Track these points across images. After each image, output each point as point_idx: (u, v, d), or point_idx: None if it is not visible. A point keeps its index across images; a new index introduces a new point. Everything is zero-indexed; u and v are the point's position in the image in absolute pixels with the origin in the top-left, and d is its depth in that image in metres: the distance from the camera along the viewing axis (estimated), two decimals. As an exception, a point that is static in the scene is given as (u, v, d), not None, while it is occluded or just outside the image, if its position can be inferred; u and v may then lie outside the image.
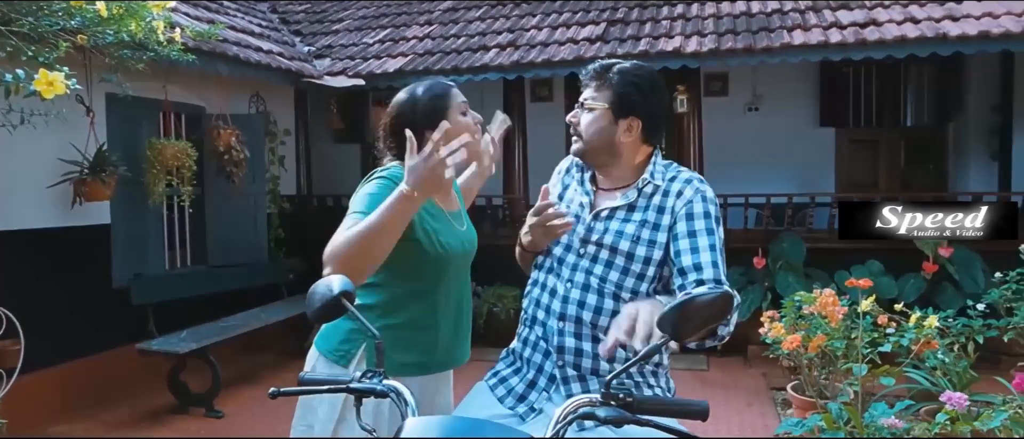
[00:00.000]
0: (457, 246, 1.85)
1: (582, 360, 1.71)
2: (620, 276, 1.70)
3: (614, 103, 1.72)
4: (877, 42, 5.03)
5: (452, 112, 1.84)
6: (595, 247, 1.73)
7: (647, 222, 1.70)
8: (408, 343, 1.80)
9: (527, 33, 6.28)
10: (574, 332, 1.71)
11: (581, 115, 1.77)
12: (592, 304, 1.70)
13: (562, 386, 1.72)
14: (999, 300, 4.40)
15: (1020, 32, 4.88)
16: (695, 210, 1.68)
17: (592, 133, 1.74)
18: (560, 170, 1.94)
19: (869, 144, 7.83)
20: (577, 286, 1.72)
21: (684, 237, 1.65)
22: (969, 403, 2.67)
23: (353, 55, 6.52)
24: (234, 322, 5.29)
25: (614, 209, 1.74)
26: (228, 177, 5.43)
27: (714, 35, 5.59)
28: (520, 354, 1.82)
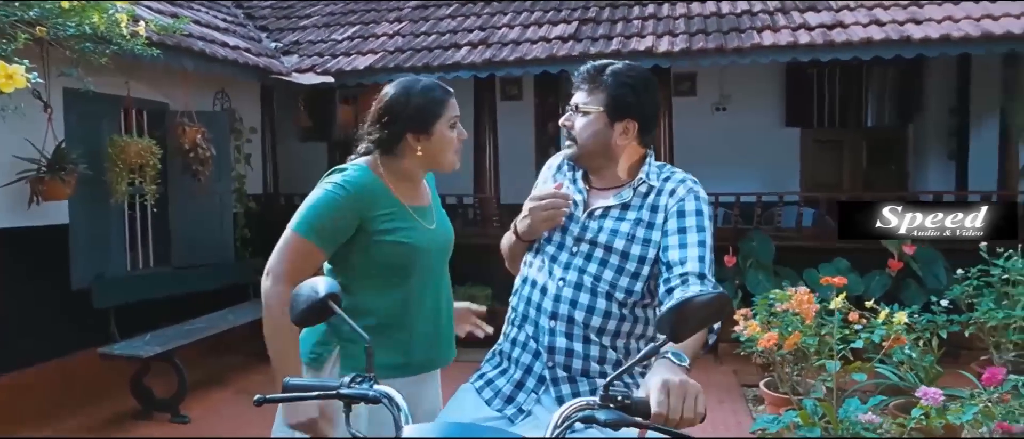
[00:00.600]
0: (423, 242, 1.80)
1: (573, 361, 1.69)
2: (614, 275, 1.68)
3: (609, 106, 1.71)
4: (844, 44, 5.13)
5: (441, 122, 1.79)
6: (589, 246, 1.71)
7: (642, 221, 1.69)
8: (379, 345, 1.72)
9: (498, 31, 6.25)
10: (565, 332, 1.69)
11: (575, 118, 1.74)
12: (585, 303, 1.68)
13: (552, 387, 1.70)
14: (961, 296, 4.53)
15: (979, 36, 5.02)
16: (687, 208, 1.68)
17: (587, 136, 1.72)
18: (550, 166, 1.91)
19: (833, 144, 7.99)
20: (569, 285, 1.69)
21: (673, 234, 1.65)
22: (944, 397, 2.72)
23: (321, 52, 6.41)
24: (200, 324, 5.16)
25: (608, 208, 1.72)
26: (194, 176, 5.29)
27: (685, 35, 5.64)
28: (508, 354, 1.79)
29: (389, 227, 1.76)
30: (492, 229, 6.42)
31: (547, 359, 1.70)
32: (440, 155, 1.82)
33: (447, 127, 1.80)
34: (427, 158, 1.81)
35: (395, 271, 1.78)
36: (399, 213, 1.79)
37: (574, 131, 1.74)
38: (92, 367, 4.59)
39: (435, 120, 1.78)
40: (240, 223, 6.37)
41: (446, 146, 1.81)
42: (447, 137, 1.80)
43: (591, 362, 1.68)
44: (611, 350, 1.70)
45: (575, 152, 1.75)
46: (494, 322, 2.02)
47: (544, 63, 5.63)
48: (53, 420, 4.48)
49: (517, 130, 7.69)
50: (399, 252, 1.76)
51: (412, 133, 1.77)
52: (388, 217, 1.77)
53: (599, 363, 1.69)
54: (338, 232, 1.75)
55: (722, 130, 7.54)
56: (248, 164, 6.60)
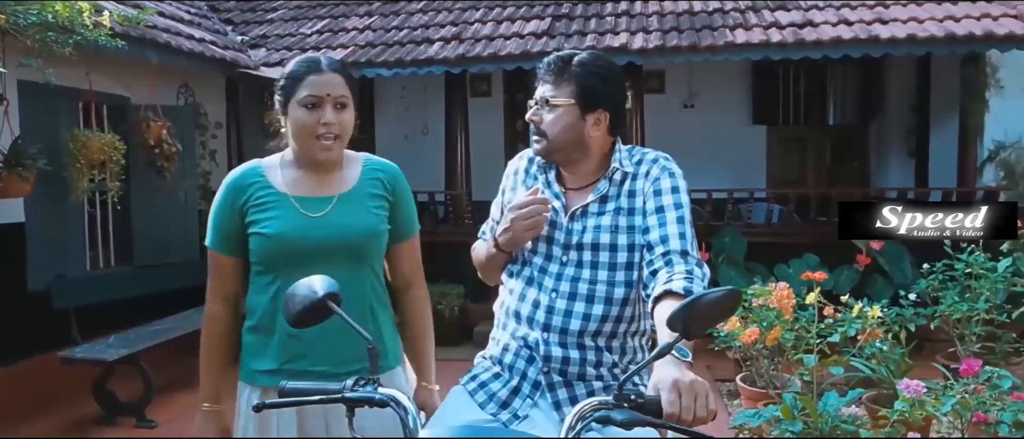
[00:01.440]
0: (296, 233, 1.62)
1: (569, 367, 1.65)
2: (608, 273, 1.65)
3: (580, 97, 1.65)
4: (814, 42, 5.22)
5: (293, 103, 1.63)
6: (577, 251, 1.66)
7: (621, 209, 1.66)
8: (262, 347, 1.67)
9: (471, 27, 6.20)
10: (560, 342, 1.65)
11: (543, 113, 1.66)
12: (580, 312, 1.64)
13: (548, 392, 1.67)
14: (927, 290, 4.64)
15: (943, 37, 5.16)
16: (662, 186, 1.65)
17: (558, 131, 1.65)
18: (517, 169, 1.82)
19: (798, 142, 8.13)
20: (562, 296, 1.65)
21: (652, 214, 1.63)
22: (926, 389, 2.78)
23: (290, 46, 6.28)
24: (166, 325, 5.00)
25: (587, 205, 1.68)
26: (159, 172, 5.12)
27: (659, 32, 5.67)
28: (500, 360, 1.74)
29: (256, 218, 1.65)
30: (464, 226, 6.38)
31: (542, 366, 1.66)
32: (295, 137, 1.65)
33: (298, 106, 1.61)
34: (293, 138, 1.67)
35: (266, 265, 1.65)
36: (272, 202, 1.65)
37: (543, 126, 1.65)
38: (52, 371, 4.41)
39: (289, 97, 1.64)
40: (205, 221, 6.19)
41: (297, 128, 1.62)
42: (296, 118, 1.62)
43: (588, 366, 1.65)
44: (607, 352, 1.68)
45: (546, 147, 1.67)
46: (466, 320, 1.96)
47: (518, 59, 5.60)
48: (10, 427, 4.29)
49: (487, 127, 7.64)
50: (263, 244, 1.64)
51: (280, 111, 1.69)
52: (259, 207, 1.65)
53: (595, 367, 1.66)
54: (226, 231, 1.70)
55: (691, 127, 7.60)
56: (213, 160, 6.42)
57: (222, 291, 1.73)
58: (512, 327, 1.72)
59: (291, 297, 1.43)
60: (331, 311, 1.41)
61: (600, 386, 1.68)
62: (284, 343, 1.66)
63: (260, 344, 1.68)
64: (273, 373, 1.65)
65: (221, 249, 1.72)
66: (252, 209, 1.68)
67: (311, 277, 1.43)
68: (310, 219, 1.67)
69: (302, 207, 1.67)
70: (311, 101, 1.62)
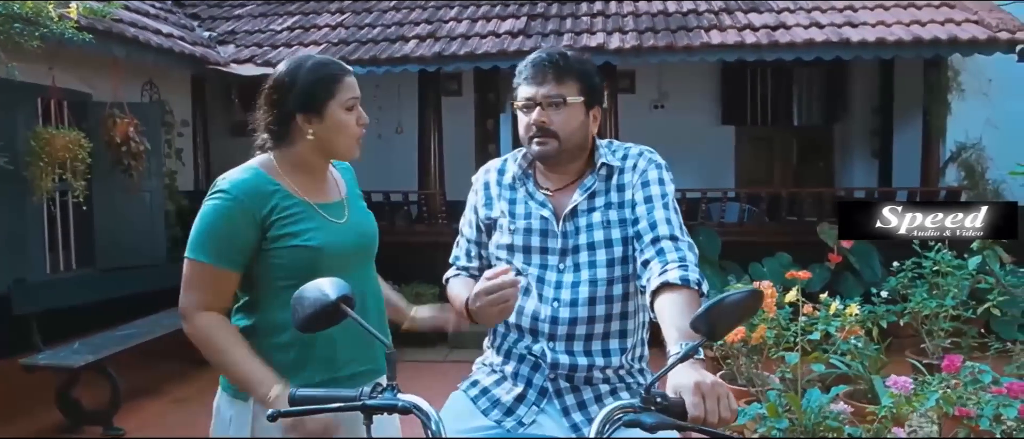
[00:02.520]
0: (333, 242, 1.61)
1: (576, 372, 1.64)
2: (607, 270, 1.63)
3: (586, 94, 1.65)
4: (788, 44, 5.31)
5: (334, 103, 1.59)
6: (573, 255, 1.65)
7: (611, 204, 1.65)
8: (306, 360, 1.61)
9: (446, 25, 6.15)
10: (566, 349, 1.63)
11: (551, 113, 1.63)
12: (584, 317, 1.62)
13: (555, 398, 1.65)
14: (896, 287, 4.76)
15: (910, 41, 5.30)
16: (649, 177, 1.65)
17: (571, 130, 1.63)
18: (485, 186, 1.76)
19: (765, 142, 8.27)
20: (565, 304, 1.63)
21: (640, 204, 1.63)
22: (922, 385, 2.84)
23: (260, 42, 6.14)
24: (133, 330, 4.83)
25: (577, 205, 1.66)
26: (126, 171, 4.95)
27: (635, 33, 5.70)
28: (501, 368, 1.71)
29: (289, 230, 1.57)
30: (438, 226, 6.33)
31: (549, 373, 1.64)
32: (335, 141, 1.61)
33: (342, 109, 1.59)
34: (321, 144, 1.61)
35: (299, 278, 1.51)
36: (301, 212, 1.60)
37: (553, 126, 1.62)
38: (12, 379, 4.23)
39: (327, 100, 1.58)
40: (171, 222, 6.02)
41: (340, 130, 1.60)
42: (342, 121, 1.60)
43: (594, 370, 1.64)
44: (612, 354, 1.67)
45: (556, 149, 1.63)
46: None
47: (495, 58, 5.57)
48: (-30, 438, 4.10)
49: (457, 126, 7.59)
50: (302, 256, 1.57)
51: (302, 114, 1.58)
52: (287, 219, 1.58)
53: (602, 370, 1.65)
54: (239, 245, 1.56)
55: (660, 127, 7.66)
56: (180, 159, 6.25)
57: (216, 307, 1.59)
58: (513, 337, 1.69)
59: (299, 301, 1.37)
60: (344, 315, 1.36)
61: (607, 389, 1.68)
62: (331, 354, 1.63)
63: (300, 360, 1.61)
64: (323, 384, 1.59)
65: (226, 264, 1.56)
66: (280, 221, 1.58)
67: (318, 280, 1.37)
68: (336, 226, 1.65)
69: (326, 214, 1.65)
70: (353, 102, 1.62)
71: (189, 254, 1.57)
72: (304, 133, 1.60)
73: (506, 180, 1.74)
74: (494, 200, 1.74)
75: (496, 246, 1.73)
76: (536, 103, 1.63)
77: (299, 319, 1.37)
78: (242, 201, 1.56)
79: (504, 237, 1.70)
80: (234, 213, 1.55)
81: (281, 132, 1.61)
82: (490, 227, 1.75)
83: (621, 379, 1.69)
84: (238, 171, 1.61)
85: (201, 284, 1.57)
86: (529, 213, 1.69)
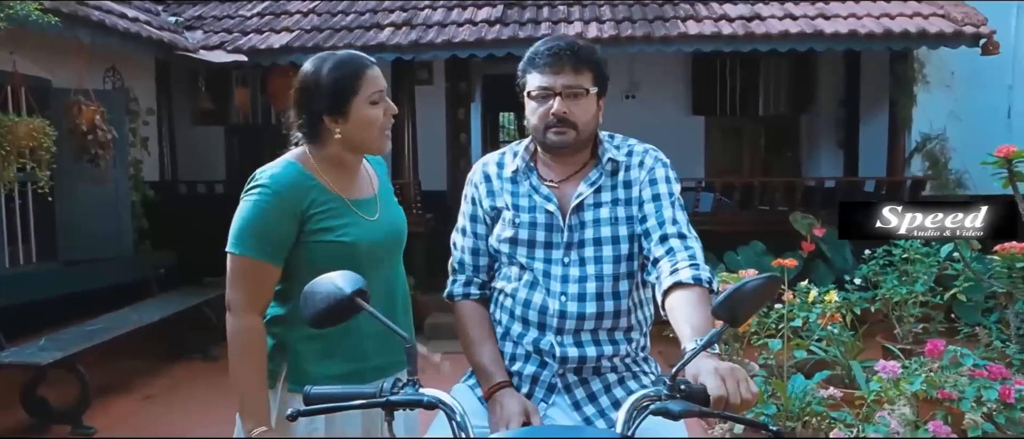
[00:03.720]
0: (365, 238, 1.64)
1: (585, 364, 1.64)
2: (614, 266, 1.63)
3: (598, 84, 1.64)
4: (763, 35, 5.37)
5: (358, 100, 1.59)
6: (578, 249, 1.64)
7: (619, 200, 1.65)
8: (329, 351, 1.63)
9: (421, 12, 6.06)
10: (574, 341, 1.63)
11: (570, 104, 1.61)
12: (592, 312, 1.62)
13: (565, 392, 1.65)
14: (868, 275, 4.89)
15: (881, 33, 5.42)
16: (657, 176, 1.66)
17: (587, 120, 1.63)
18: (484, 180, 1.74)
19: (734, 132, 8.38)
20: (573, 298, 1.62)
21: (649, 202, 1.63)
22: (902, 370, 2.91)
23: (230, 28, 5.97)
24: (101, 325, 4.68)
25: (583, 199, 1.65)
26: (92, 160, 4.76)
27: (612, 22, 5.70)
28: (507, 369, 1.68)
29: (325, 225, 1.60)
30: (413, 216, 6.25)
31: (558, 368, 1.64)
32: (362, 137, 1.61)
33: (367, 104, 1.59)
34: (349, 142, 1.61)
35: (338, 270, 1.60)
36: (337, 208, 1.62)
37: (573, 117, 1.61)
38: (-27, 378, 4.05)
39: (351, 97, 1.57)
40: (137, 213, 5.84)
41: (367, 126, 1.60)
42: (368, 116, 1.59)
43: (603, 360, 1.64)
44: (619, 344, 1.67)
45: (574, 139, 1.62)
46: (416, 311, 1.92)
47: (473, 47, 5.52)
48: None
49: (428, 115, 7.51)
50: (337, 251, 1.59)
51: (328, 116, 1.59)
52: (324, 214, 1.60)
53: (610, 359, 1.65)
54: (280, 239, 1.58)
55: (632, 118, 7.66)
56: (145, 148, 6.05)
57: (260, 303, 1.61)
58: (518, 331, 1.68)
59: (311, 296, 1.35)
60: (359, 308, 1.34)
61: (615, 378, 1.68)
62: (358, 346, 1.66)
63: (327, 349, 1.64)
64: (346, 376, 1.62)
65: (270, 258, 1.58)
66: (317, 215, 1.60)
67: (330, 274, 1.36)
68: (370, 222, 1.68)
69: (360, 210, 1.68)
70: (378, 96, 1.62)
71: (231, 249, 1.58)
72: (332, 133, 1.61)
73: (506, 173, 1.72)
74: (496, 193, 1.72)
75: (499, 240, 1.70)
76: (555, 93, 1.61)
77: (311, 314, 1.35)
78: (283, 195, 1.57)
79: (507, 230, 1.68)
80: (275, 206, 1.57)
81: (312, 133, 1.63)
82: (495, 219, 1.73)
83: (627, 367, 1.69)
84: (276, 165, 1.62)
85: (244, 279, 1.58)
86: (534, 206, 1.67)
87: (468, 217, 1.77)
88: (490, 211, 1.73)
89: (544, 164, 1.71)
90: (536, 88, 1.63)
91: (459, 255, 1.78)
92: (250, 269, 1.57)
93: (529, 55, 1.67)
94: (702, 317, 1.42)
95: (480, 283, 1.76)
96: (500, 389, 1.60)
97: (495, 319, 1.73)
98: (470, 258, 1.76)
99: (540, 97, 1.63)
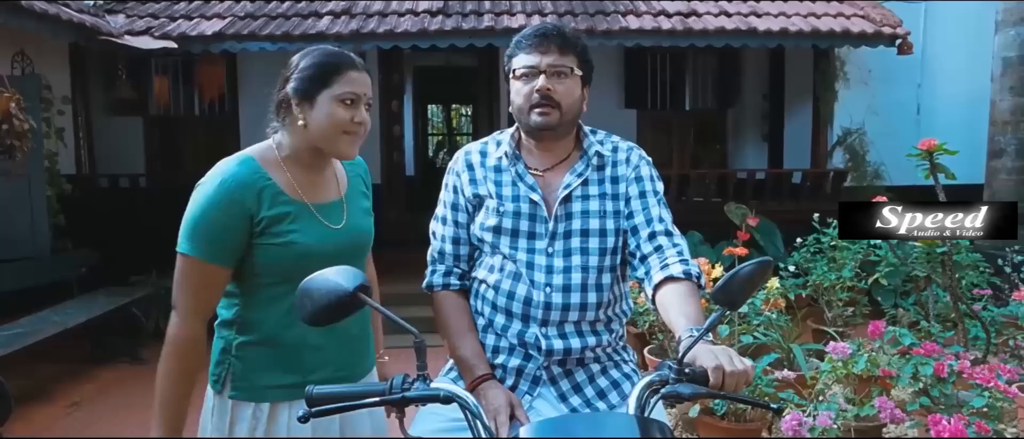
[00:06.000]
0: (320, 244, 1.56)
1: (570, 356, 1.65)
2: (598, 259, 1.65)
3: (583, 69, 1.66)
4: (701, 31, 5.53)
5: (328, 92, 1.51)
6: (564, 240, 1.65)
7: (606, 194, 1.67)
8: (274, 362, 1.56)
9: (361, 2, 5.91)
10: (559, 333, 1.64)
11: (555, 83, 1.61)
12: (577, 303, 1.63)
13: (550, 385, 1.65)
14: (800, 262, 5.14)
15: (809, 31, 5.69)
16: (643, 173, 1.69)
17: (571, 102, 1.63)
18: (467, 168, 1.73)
19: (664, 125, 8.60)
20: (557, 289, 1.62)
21: (635, 198, 1.66)
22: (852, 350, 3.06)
23: (156, 13, 5.64)
24: (20, 330, 4.37)
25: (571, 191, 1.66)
26: (6, 153, 4.41)
27: (554, 15, 5.74)
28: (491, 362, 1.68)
29: (276, 229, 1.52)
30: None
31: (543, 361, 1.64)
32: (324, 133, 1.53)
33: (335, 101, 1.51)
34: (310, 135, 1.54)
35: (283, 278, 1.52)
36: (293, 212, 1.54)
37: (556, 95, 1.60)
38: None
39: (321, 87, 1.51)
40: (54, 209, 5.45)
41: (331, 124, 1.52)
42: (333, 113, 1.51)
43: (587, 351, 1.66)
44: (603, 335, 1.69)
45: (558, 118, 1.61)
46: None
47: (415, 37, 5.43)
48: None
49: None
50: (286, 255, 1.52)
51: (296, 99, 1.53)
52: (277, 218, 1.52)
53: (594, 349, 1.67)
54: (231, 241, 1.50)
55: (568, 110, 7.79)
56: (61, 140, 5.65)
57: (207, 306, 1.53)
58: (502, 323, 1.67)
59: (307, 294, 1.31)
60: (361, 304, 1.31)
61: (598, 368, 1.71)
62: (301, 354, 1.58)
63: (272, 358, 1.56)
64: (291, 387, 1.54)
65: (220, 261, 1.50)
66: (268, 219, 1.52)
67: (325, 270, 1.32)
68: (330, 230, 1.60)
69: (321, 215, 1.60)
70: (350, 97, 1.53)
71: (180, 248, 1.50)
72: (296, 119, 1.54)
73: (490, 162, 1.71)
74: (479, 181, 1.70)
75: (482, 228, 1.69)
76: (540, 71, 1.60)
77: (309, 312, 1.31)
78: (230, 192, 1.50)
79: (491, 219, 1.67)
80: (224, 205, 1.49)
81: (281, 117, 1.57)
82: (477, 207, 1.71)
83: (609, 357, 1.72)
84: (234, 159, 1.55)
85: (191, 280, 1.51)
86: (518, 195, 1.67)
87: (449, 206, 1.74)
88: (472, 199, 1.71)
89: (528, 152, 1.70)
90: (522, 67, 1.62)
91: (439, 244, 1.75)
92: (198, 270, 1.50)
93: (516, 39, 1.67)
94: (695, 307, 1.47)
95: (460, 274, 1.74)
96: (484, 382, 1.58)
97: (476, 310, 1.71)
98: (450, 247, 1.74)
99: (525, 76, 1.62)
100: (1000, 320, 3.91)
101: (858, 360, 3.05)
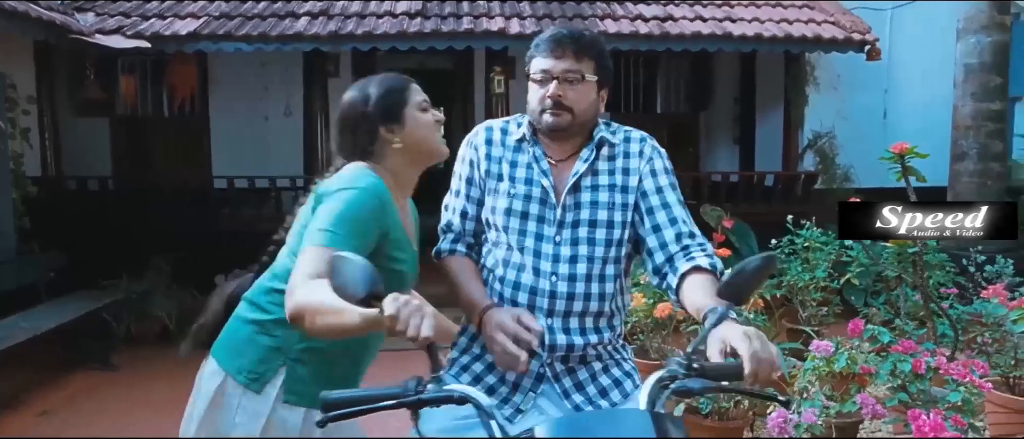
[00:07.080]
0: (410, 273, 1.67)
1: (573, 353, 1.67)
2: (605, 249, 1.67)
3: (600, 73, 1.69)
4: (678, 36, 5.60)
5: (410, 107, 1.64)
6: (571, 229, 1.67)
7: (615, 185, 1.69)
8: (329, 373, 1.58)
9: (338, 3, 5.86)
10: (563, 327, 1.65)
11: (567, 88, 1.65)
12: (581, 293, 1.65)
13: (554, 382, 1.67)
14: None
15: (782, 37, 5.80)
16: (656, 166, 1.71)
17: (585, 106, 1.66)
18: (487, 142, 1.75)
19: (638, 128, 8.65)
20: (563, 279, 1.65)
21: (653, 194, 1.68)
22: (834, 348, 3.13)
23: (128, 12, 5.52)
24: (-12, 336, 4.22)
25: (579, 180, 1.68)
26: (-26, 153, 4.28)
27: (533, 18, 5.76)
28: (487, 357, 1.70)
29: (388, 252, 1.57)
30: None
31: (547, 358, 1.65)
32: (422, 140, 1.65)
33: (418, 111, 1.65)
34: (409, 150, 1.63)
35: None
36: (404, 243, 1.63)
37: (567, 101, 1.64)
38: None
39: (403, 106, 1.63)
40: (19, 211, 5.29)
41: (425, 128, 1.65)
42: (422, 120, 1.65)
43: (589, 349, 1.68)
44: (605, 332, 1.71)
45: (569, 122, 1.65)
46: None
47: (394, 39, 5.41)
48: None
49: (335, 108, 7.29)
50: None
51: (384, 126, 1.61)
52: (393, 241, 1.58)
53: (595, 347, 1.69)
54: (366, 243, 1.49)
55: (544, 113, 7.81)
56: (26, 141, 5.49)
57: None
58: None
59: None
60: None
61: (600, 367, 1.73)
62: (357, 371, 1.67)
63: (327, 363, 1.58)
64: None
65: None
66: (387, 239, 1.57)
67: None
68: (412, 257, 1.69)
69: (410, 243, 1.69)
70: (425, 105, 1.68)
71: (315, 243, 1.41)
72: (390, 143, 1.61)
73: (510, 140, 1.73)
74: (495, 158, 1.73)
75: (491, 209, 1.71)
76: (553, 76, 1.64)
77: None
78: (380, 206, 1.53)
79: (502, 200, 1.69)
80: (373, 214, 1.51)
81: (370, 150, 1.60)
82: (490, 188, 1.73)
83: (610, 355, 1.74)
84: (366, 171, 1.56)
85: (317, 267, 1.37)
86: (530, 179, 1.69)
87: (464, 179, 1.77)
88: (485, 175, 1.72)
89: (544, 142, 1.72)
90: (537, 71, 1.66)
91: (449, 216, 1.79)
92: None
93: (535, 41, 1.71)
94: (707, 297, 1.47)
95: (468, 243, 1.78)
96: (488, 310, 1.63)
97: None
98: (458, 221, 1.77)
99: (540, 80, 1.66)
100: (965, 318, 4.03)
101: (838, 358, 3.13)
